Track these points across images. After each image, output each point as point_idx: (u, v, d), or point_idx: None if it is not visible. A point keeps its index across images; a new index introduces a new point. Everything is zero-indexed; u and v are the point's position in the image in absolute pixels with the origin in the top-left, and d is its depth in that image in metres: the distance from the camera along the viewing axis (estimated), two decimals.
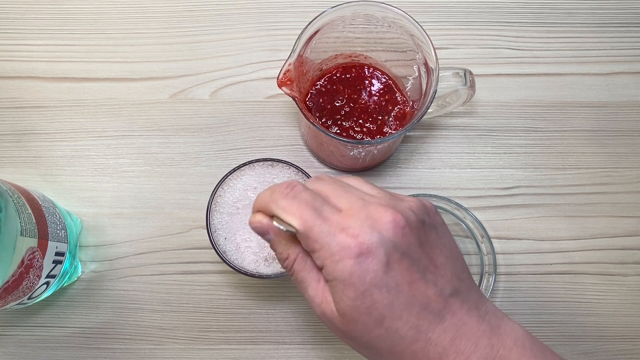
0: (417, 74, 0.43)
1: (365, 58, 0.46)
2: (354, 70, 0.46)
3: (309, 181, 0.31)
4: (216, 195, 0.41)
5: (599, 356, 0.45)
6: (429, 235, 0.29)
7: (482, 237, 0.44)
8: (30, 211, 0.38)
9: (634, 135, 0.49)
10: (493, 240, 0.46)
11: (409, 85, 0.45)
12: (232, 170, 0.41)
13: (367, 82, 0.46)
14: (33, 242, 0.37)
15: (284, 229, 0.29)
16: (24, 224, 0.36)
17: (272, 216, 0.30)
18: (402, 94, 0.46)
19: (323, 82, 0.46)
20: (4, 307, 0.38)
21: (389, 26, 0.42)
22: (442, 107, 0.46)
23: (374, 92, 0.46)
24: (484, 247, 0.45)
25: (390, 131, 0.45)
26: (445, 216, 0.46)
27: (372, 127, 0.45)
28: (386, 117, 0.45)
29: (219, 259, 0.41)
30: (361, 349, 0.29)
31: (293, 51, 0.40)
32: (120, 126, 0.49)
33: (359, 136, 0.45)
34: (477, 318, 0.28)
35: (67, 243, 0.42)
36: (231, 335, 0.45)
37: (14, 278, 0.35)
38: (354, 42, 0.45)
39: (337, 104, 0.45)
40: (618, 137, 0.49)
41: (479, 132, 0.49)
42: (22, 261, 0.35)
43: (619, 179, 0.48)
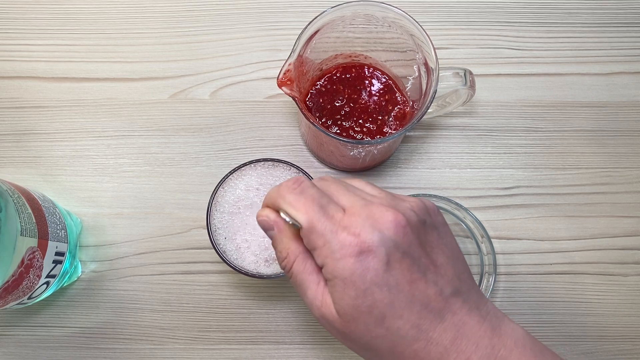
0: (417, 74, 0.43)
1: (365, 58, 0.46)
2: (354, 70, 0.46)
3: (313, 181, 0.31)
4: (217, 195, 0.41)
5: (599, 356, 0.45)
6: (429, 235, 0.29)
7: (482, 237, 0.44)
8: (30, 211, 0.38)
9: (634, 135, 0.49)
10: (493, 240, 0.46)
11: (409, 85, 0.45)
12: (233, 169, 0.41)
13: (367, 82, 0.46)
14: (33, 242, 0.37)
15: (290, 220, 0.29)
16: (24, 224, 0.36)
17: (279, 212, 0.30)
18: (402, 94, 0.46)
19: (323, 82, 0.46)
20: (4, 307, 0.38)
21: (389, 26, 0.42)
22: (442, 107, 0.46)
23: (374, 92, 0.46)
24: (484, 247, 0.45)
25: (390, 131, 0.45)
26: (445, 216, 0.46)
27: (372, 127, 0.45)
28: (386, 117, 0.45)
29: (219, 259, 0.41)
30: (361, 350, 0.29)
31: (293, 51, 0.40)
32: (120, 126, 0.49)
33: (359, 136, 0.45)
34: (478, 318, 0.28)
35: (67, 243, 0.42)
36: (231, 335, 0.45)
37: (14, 278, 0.35)
38: (354, 42, 0.45)
39: (337, 104, 0.45)
40: (618, 137, 0.49)
41: (479, 132, 0.49)
42: (22, 261, 0.35)
43: (619, 179, 0.48)
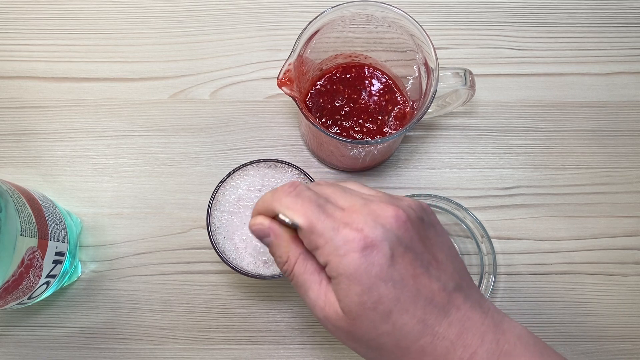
0: (417, 74, 0.43)
1: (365, 58, 0.46)
2: (354, 70, 0.46)
3: (308, 185, 0.31)
4: (218, 193, 0.41)
5: (599, 356, 0.45)
6: (428, 232, 0.29)
7: (482, 237, 0.44)
8: (30, 211, 0.38)
9: (634, 135, 0.49)
10: (493, 240, 0.46)
11: (409, 85, 0.45)
12: (235, 169, 0.41)
13: (367, 82, 0.46)
14: (33, 242, 0.37)
15: (289, 221, 0.29)
16: (24, 224, 0.36)
17: (274, 217, 0.30)
18: (402, 94, 0.46)
19: (323, 82, 0.46)
20: (4, 307, 0.38)
21: (389, 26, 0.42)
22: (442, 107, 0.46)
23: (374, 92, 0.46)
24: (484, 247, 0.45)
25: (390, 131, 0.45)
26: (446, 216, 0.46)
27: (372, 127, 0.45)
28: (386, 117, 0.45)
29: (219, 259, 0.41)
30: (365, 349, 0.29)
31: (293, 51, 0.40)
32: (120, 126, 0.49)
33: (359, 136, 0.45)
34: (481, 314, 0.28)
35: (67, 243, 0.42)
36: (231, 335, 0.45)
37: (14, 278, 0.35)
38: (354, 42, 0.45)
39: (337, 104, 0.45)
40: (618, 137, 0.49)
41: (479, 132, 0.49)
42: (22, 261, 0.35)
43: (619, 179, 0.48)
